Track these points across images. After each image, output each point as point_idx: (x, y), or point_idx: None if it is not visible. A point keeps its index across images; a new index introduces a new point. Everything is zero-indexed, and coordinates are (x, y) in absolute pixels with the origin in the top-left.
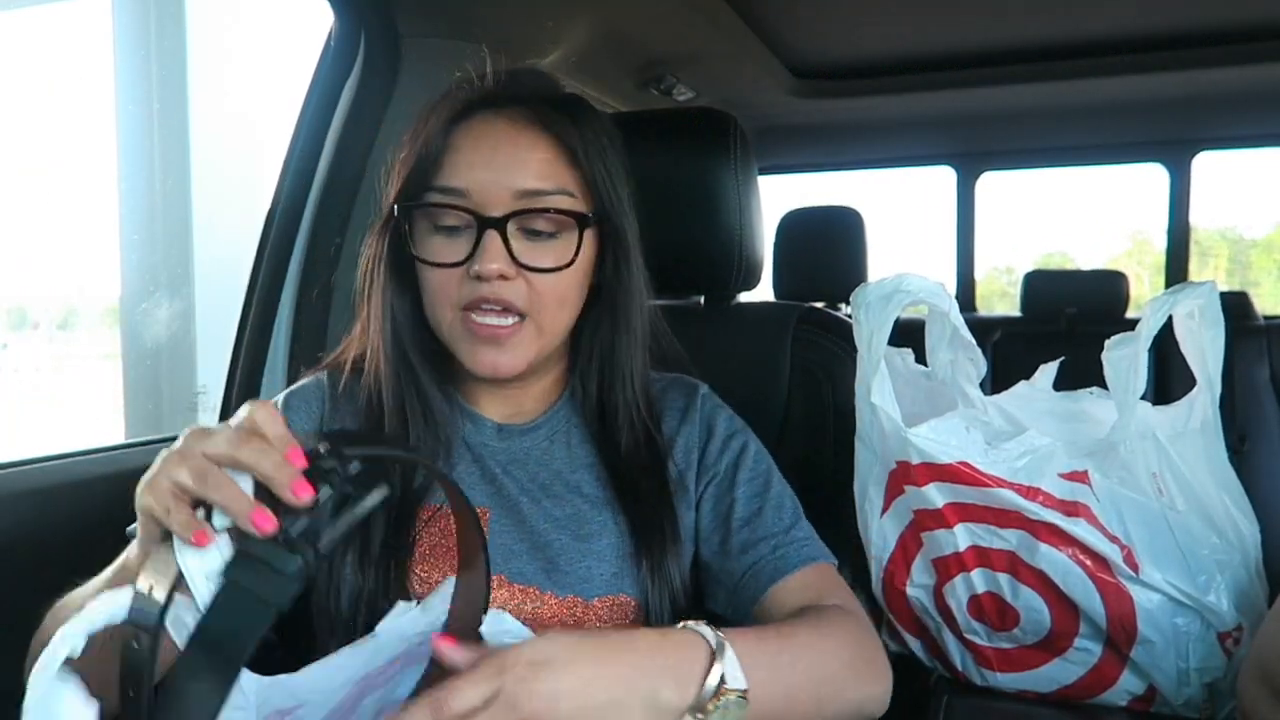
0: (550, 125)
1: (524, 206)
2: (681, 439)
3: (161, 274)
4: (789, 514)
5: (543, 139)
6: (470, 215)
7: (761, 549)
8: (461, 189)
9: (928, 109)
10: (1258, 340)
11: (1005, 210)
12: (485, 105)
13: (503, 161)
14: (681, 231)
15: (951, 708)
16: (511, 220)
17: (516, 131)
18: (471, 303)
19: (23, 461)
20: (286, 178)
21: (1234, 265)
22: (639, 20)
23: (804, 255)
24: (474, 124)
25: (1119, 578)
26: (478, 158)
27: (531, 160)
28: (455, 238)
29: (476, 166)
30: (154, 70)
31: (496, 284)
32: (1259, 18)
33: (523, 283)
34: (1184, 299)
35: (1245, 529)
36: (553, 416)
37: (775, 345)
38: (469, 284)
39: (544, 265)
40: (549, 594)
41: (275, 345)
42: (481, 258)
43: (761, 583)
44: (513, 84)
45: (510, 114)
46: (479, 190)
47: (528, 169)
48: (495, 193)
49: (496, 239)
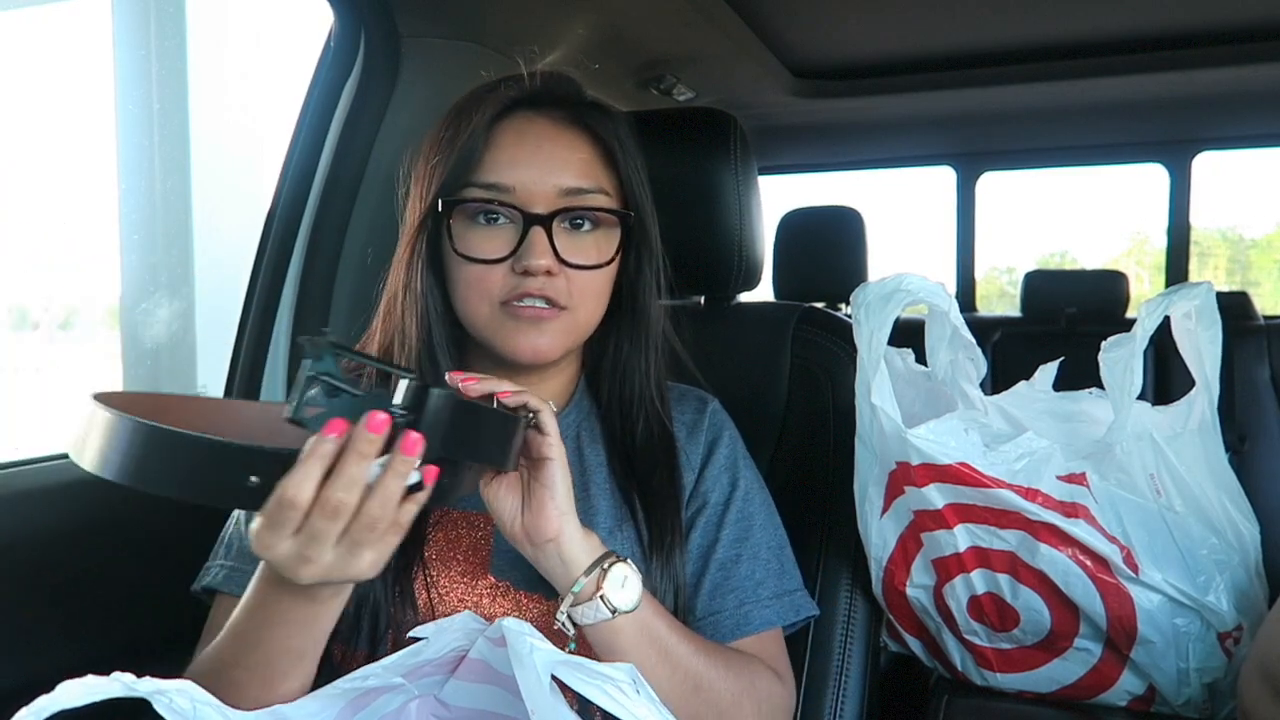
0: (589, 126)
1: (568, 205)
2: (686, 452)
3: (161, 274)
4: (761, 567)
5: (582, 139)
6: (515, 211)
7: (728, 601)
8: (507, 185)
9: (928, 109)
10: (1258, 340)
11: (1005, 210)
12: (526, 104)
13: (545, 160)
14: (681, 231)
15: (951, 708)
16: (557, 218)
17: (558, 130)
18: (514, 297)
19: (23, 461)
20: (286, 178)
21: (1234, 265)
22: (639, 20)
23: (804, 255)
24: (516, 122)
25: (1119, 578)
26: (521, 155)
27: (573, 159)
28: (496, 233)
29: (520, 164)
30: (154, 70)
31: (541, 279)
32: (1259, 18)
33: (564, 279)
34: (1180, 300)
35: (1245, 529)
36: (565, 417)
37: (775, 345)
38: (512, 279)
39: (586, 262)
40: (555, 600)
41: (275, 345)
42: (530, 253)
43: (720, 633)
44: (553, 84)
45: (551, 113)
46: (523, 187)
47: (570, 168)
48: (540, 190)
49: (543, 235)
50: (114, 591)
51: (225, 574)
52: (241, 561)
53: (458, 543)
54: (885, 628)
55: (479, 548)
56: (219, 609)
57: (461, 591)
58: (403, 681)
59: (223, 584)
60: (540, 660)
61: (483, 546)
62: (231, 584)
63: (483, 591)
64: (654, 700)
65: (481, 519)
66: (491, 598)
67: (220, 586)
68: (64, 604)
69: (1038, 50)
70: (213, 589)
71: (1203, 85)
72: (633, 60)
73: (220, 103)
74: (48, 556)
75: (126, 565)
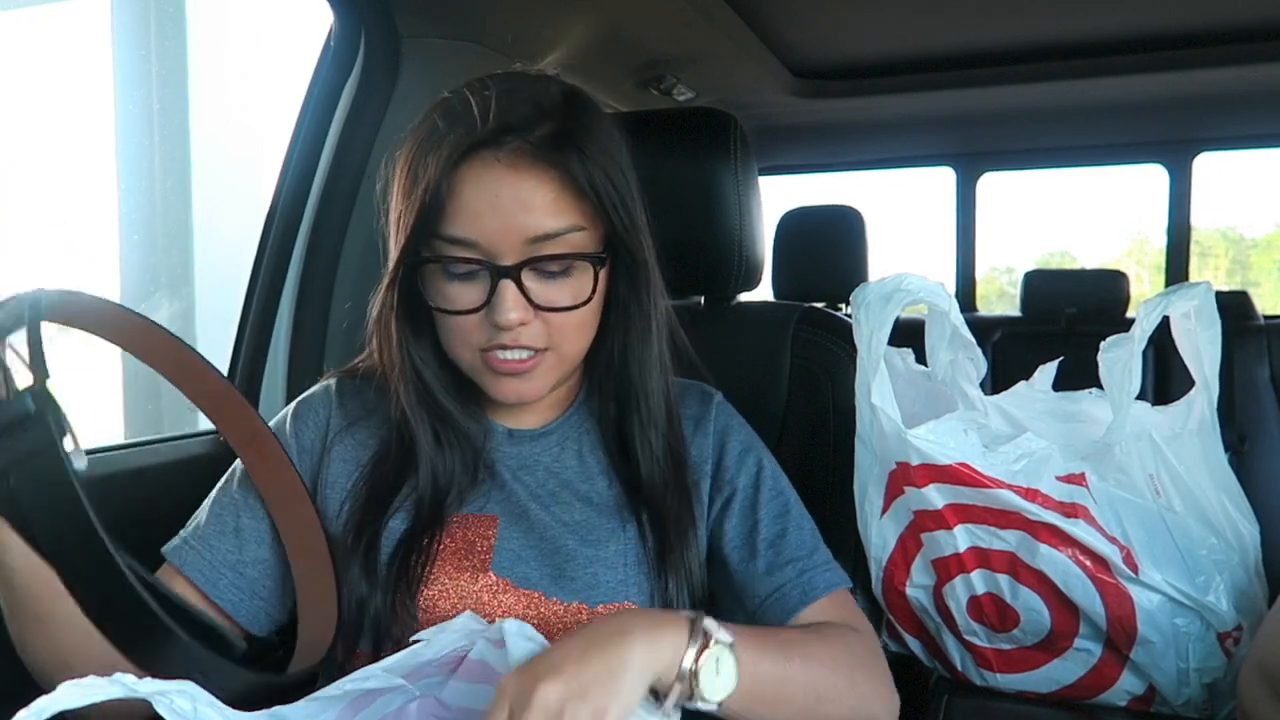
0: (553, 160)
1: (536, 253)
2: (694, 449)
3: (161, 274)
4: (809, 536)
5: (547, 175)
6: (481, 265)
7: (788, 572)
8: (471, 239)
9: (928, 109)
10: (1258, 340)
11: (1005, 210)
12: (481, 146)
13: (508, 207)
14: (681, 231)
15: (951, 708)
16: (525, 267)
17: (518, 175)
18: (492, 346)
19: None
20: (286, 178)
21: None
22: (639, 20)
23: (804, 255)
24: (473, 167)
25: (1119, 578)
26: (482, 205)
27: (537, 202)
28: (469, 283)
29: (483, 215)
30: (154, 70)
31: (516, 330)
32: (1259, 18)
33: (540, 323)
34: (1179, 300)
35: (1244, 529)
36: (564, 423)
37: (775, 345)
38: (488, 329)
39: (562, 304)
40: (554, 600)
41: (275, 345)
42: (499, 307)
43: (788, 607)
44: (505, 116)
45: (510, 151)
46: (488, 239)
47: (535, 211)
48: (505, 240)
49: (512, 287)
50: None
51: (178, 543)
52: (193, 536)
53: (459, 540)
54: (885, 628)
55: (481, 546)
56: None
57: (462, 589)
58: (403, 682)
59: (171, 553)
60: None
61: (485, 544)
62: (179, 556)
63: (483, 588)
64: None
65: (484, 518)
66: (492, 594)
67: (169, 555)
68: None
69: (1038, 50)
70: (165, 556)
71: (1203, 85)
72: (633, 60)
73: (220, 103)
74: None
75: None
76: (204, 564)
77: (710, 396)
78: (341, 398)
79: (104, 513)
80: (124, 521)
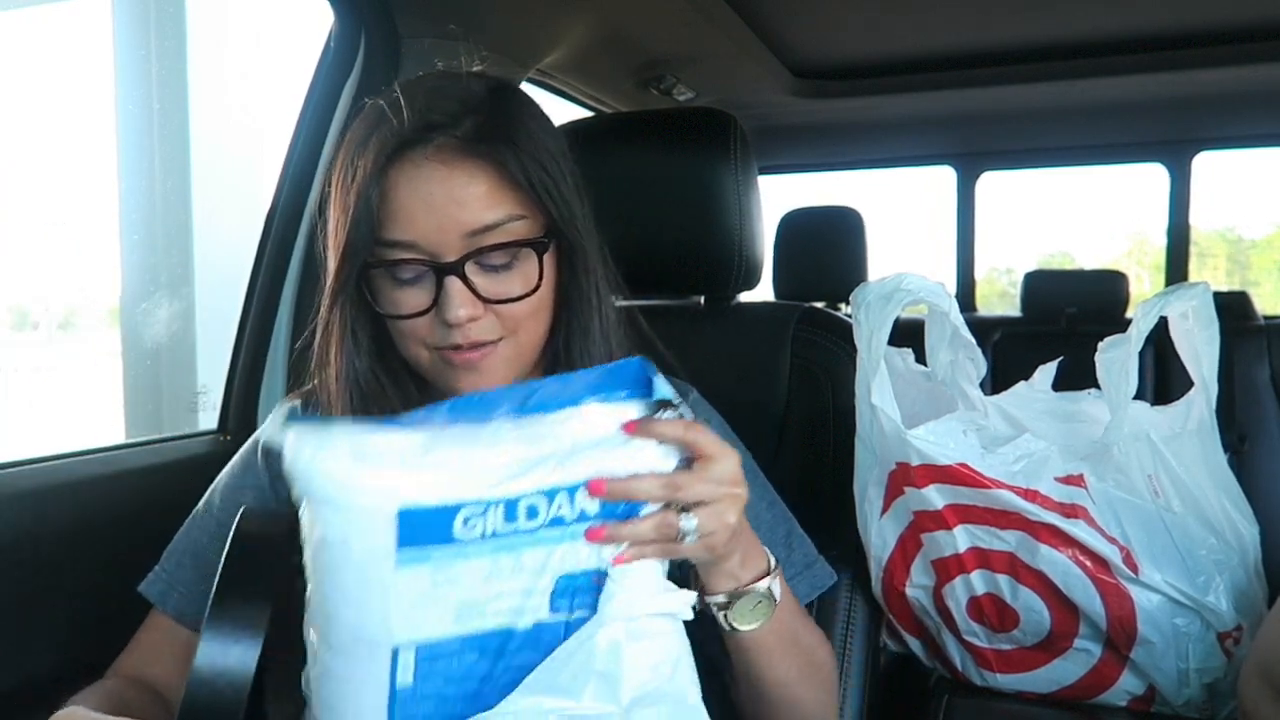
0: (482, 152)
1: (477, 246)
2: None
3: (161, 274)
4: (780, 546)
5: (479, 168)
6: (424, 266)
7: None
8: (409, 241)
9: (928, 109)
10: (1258, 340)
11: (1005, 210)
12: (408, 146)
13: (442, 204)
14: (681, 231)
15: (951, 708)
16: (467, 261)
17: (449, 169)
18: (446, 345)
19: (23, 461)
20: (286, 178)
21: (1234, 265)
22: (639, 20)
23: (804, 255)
24: (404, 168)
25: (1118, 578)
26: (416, 205)
27: (471, 196)
28: (414, 287)
29: (418, 215)
30: (154, 70)
31: (466, 326)
32: (1259, 18)
33: (492, 315)
34: (1176, 301)
35: (1244, 530)
36: None
37: (775, 345)
38: (440, 328)
39: (511, 295)
40: None
41: (275, 345)
42: (447, 306)
43: None
44: (429, 114)
45: (438, 148)
46: (426, 238)
47: (471, 206)
48: (444, 238)
49: (457, 283)
50: (114, 591)
51: (162, 588)
52: (176, 580)
53: None
54: (885, 628)
55: None
56: (153, 624)
57: None
58: None
59: (160, 599)
60: None
61: None
62: (167, 601)
63: None
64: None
65: None
66: None
67: (158, 601)
68: (64, 604)
69: (1038, 50)
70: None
71: (1203, 85)
72: (633, 60)
73: (220, 103)
74: (48, 556)
75: (126, 565)
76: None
77: (685, 394)
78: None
79: (104, 513)
80: (124, 521)
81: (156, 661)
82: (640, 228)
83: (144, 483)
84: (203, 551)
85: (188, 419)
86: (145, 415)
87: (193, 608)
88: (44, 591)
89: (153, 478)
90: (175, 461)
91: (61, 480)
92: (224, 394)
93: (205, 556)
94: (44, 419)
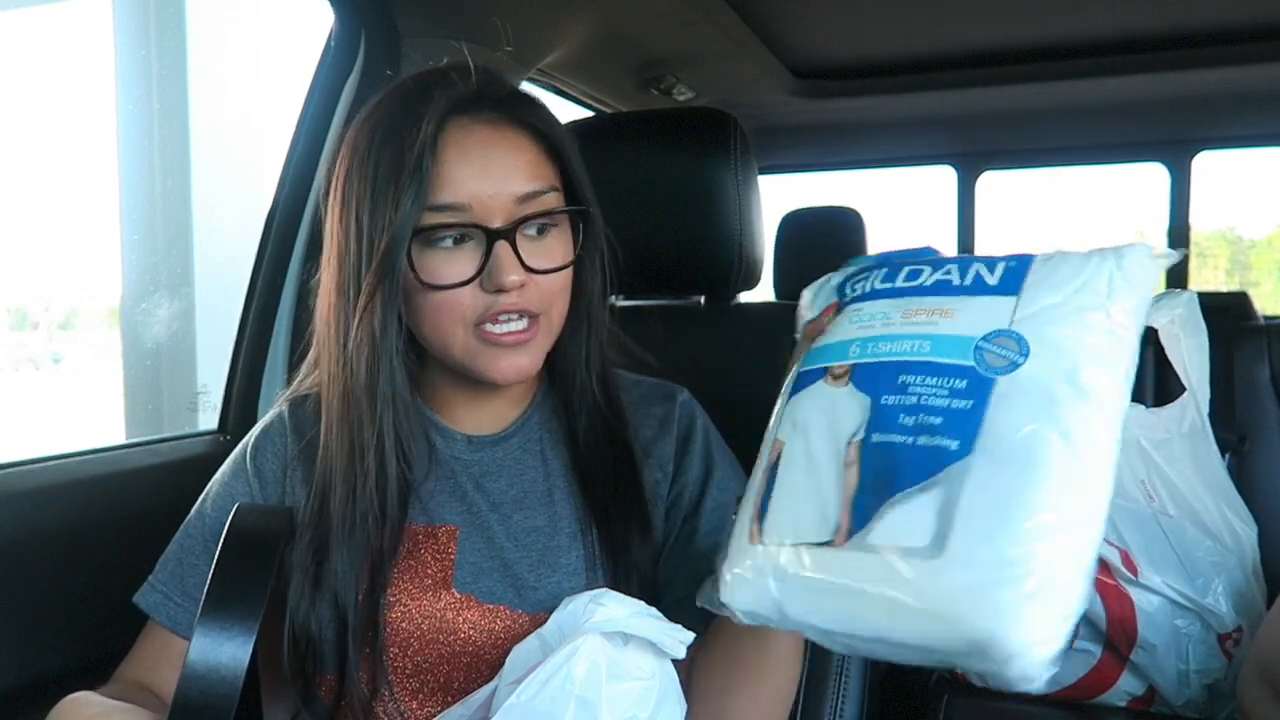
0: (524, 123)
1: (526, 212)
2: (658, 449)
3: (161, 274)
4: None
5: (524, 138)
6: (477, 229)
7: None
8: (462, 203)
9: (928, 109)
10: (1258, 340)
11: (1005, 210)
12: (459, 111)
13: (495, 169)
14: (681, 231)
15: (951, 708)
16: (519, 228)
17: (499, 134)
18: (489, 315)
19: (23, 461)
20: (287, 178)
21: (1234, 265)
22: (639, 20)
23: (804, 255)
24: (454, 133)
25: (1119, 580)
26: (470, 169)
27: (520, 162)
28: (459, 254)
29: (470, 177)
30: (154, 70)
31: (514, 294)
32: (1259, 18)
33: (533, 286)
34: (1159, 311)
35: (1242, 531)
36: (525, 424)
37: (775, 345)
38: (484, 298)
39: (552, 265)
40: (519, 612)
41: (275, 345)
42: (500, 271)
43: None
44: (486, 83)
45: (486, 116)
46: (479, 202)
47: (519, 172)
48: (496, 202)
49: (508, 249)
50: (114, 591)
51: (156, 598)
52: (171, 590)
53: (419, 557)
54: None
55: (441, 562)
56: (150, 634)
57: (425, 607)
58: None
59: (154, 609)
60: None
61: (445, 559)
62: (162, 612)
63: (446, 606)
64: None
65: (443, 531)
66: (456, 611)
67: (152, 612)
68: (64, 604)
69: (1038, 50)
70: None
71: (1203, 85)
72: (633, 60)
73: (220, 102)
74: (48, 556)
75: (126, 565)
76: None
77: (674, 394)
78: (295, 421)
79: (104, 513)
80: (124, 521)
81: (155, 671)
82: (640, 228)
83: (144, 483)
84: (196, 560)
85: (188, 419)
86: (145, 415)
87: (187, 617)
88: (44, 591)
89: (153, 478)
90: (175, 461)
91: (61, 480)
92: (224, 394)
93: (198, 565)
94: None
